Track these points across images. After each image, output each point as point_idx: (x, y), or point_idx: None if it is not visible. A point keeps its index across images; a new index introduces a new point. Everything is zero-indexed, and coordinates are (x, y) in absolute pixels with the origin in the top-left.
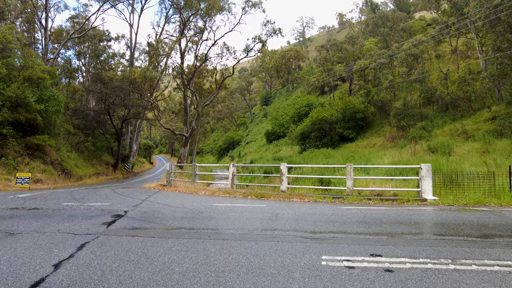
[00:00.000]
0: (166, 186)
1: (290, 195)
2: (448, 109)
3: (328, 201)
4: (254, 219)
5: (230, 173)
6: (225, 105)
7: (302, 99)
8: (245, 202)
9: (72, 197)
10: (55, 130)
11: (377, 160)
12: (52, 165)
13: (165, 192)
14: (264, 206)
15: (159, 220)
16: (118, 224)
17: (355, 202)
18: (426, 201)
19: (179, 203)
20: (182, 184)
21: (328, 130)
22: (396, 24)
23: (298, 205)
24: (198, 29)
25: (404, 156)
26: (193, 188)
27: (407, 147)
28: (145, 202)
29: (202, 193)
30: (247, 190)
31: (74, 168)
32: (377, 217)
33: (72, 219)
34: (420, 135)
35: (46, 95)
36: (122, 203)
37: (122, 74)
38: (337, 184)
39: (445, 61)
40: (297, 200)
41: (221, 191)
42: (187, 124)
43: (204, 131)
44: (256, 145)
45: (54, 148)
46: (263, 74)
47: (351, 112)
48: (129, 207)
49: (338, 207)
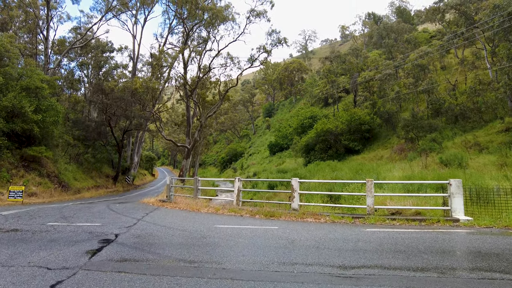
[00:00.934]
0: (165, 202)
1: (303, 214)
2: (458, 120)
3: (347, 221)
4: (267, 248)
5: (236, 188)
6: (228, 117)
7: (306, 111)
8: (253, 222)
9: (61, 215)
10: (53, 141)
11: (386, 174)
12: (48, 178)
13: (164, 209)
14: (276, 229)
15: (154, 248)
16: (105, 253)
17: (378, 222)
18: (459, 222)
19: (178, 223)
20: (183, 200)
21: (333, 142)
22: (400, 36)
23: (314, 227)
24: (202, 39)
25: (415, 169)
26: (194, 205)
27: (417, 160)
28: (140, 222)
29: (205, 210)
30: (254, 208)
31: (72, 180)
32: (411, 243)
33: (52, 245)
34: (430, 147)
35: (44, 105)
36: (114, 223)
37: (124, 84)
38: (352, 201)
39: (451, 72)
40: (311, 221)
41: (226, 208)
42: (190, 135)
43: (207, 142)
44: (259, 157)
45: (51, 160)
46: (266, 86)
47: (356, 123)
48: (121, 229)
49: (361, 230)
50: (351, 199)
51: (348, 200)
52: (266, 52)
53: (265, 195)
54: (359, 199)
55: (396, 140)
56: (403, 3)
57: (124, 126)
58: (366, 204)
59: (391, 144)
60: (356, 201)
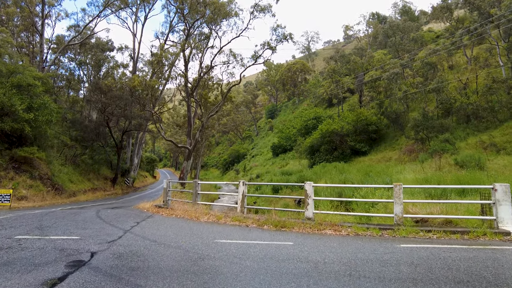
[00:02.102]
0: (162, 207)
1: (320, 225)
2: (470, 120)
3: (373, 233)
4: (284, 276)
5: (240, 193)
6: (230, 118)
7: (310, 112)
8: (262, 236)
9: (38, 224)
10: (47, 141)
11: (398, 176)
12: (41, 180)
13: (159, 217)
14: (290, 246)
15: (135, 277)
16: (67, 286)
17: (411, 235)
18: (510, 235)
19: (172, 237)
20: (181, 206)
21: (339, 143)
22: (407, 34)
23: (336, 242)
24: (204, 36)
25: (428, 171)
26: (193, 212)
27: (428, 161)
28: (127, 235)
29: (205, 219)
30: (261, 217)
31: (68, 183)
32: (469, 268)
33: (1, 272)
34: (442, 148)
35: (36, 103)
36: (96, 236)
37: (120, 82)
38: (371, 208)
39: (460, 72)
40: (331, 233)
41: (229, 216)
42: (191, 136)
43: (209, 144)
44: (262, 159)
45: (44, 162)
46: (269, 88)
47: (363, 124)
48: (101, 245)
49: (395, 246)
50: (370, 206)
51: (362, 206)
52: (270, 48)
53: (270, 198)
54: (373, 206)
55: (404, 141)
56: (407, 3)
57: (123, 126)
58: (394, 213)
59: (399, 145)
60: (371, 207)
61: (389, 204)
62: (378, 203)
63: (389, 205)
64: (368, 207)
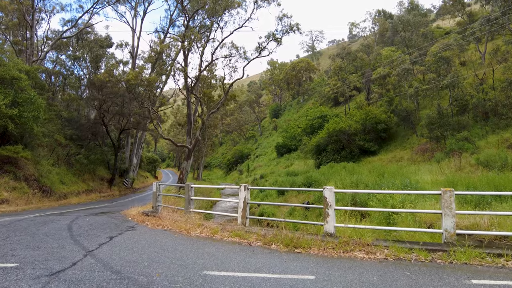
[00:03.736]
0: (150, 215)
1: (346, 244)
2: (489, 117)
3: (421, 257)
4: None
5: (241, 199)
6: (233, 118)
7: (315, 111)
8: (269, 261)
9: None
10: (35, 140)
11: (414, 177)
12: (26, 182)
13: (142, 228)
14: (312, 282)
15: None
16: None
17: (475, 261)
18: None
19: (145, 265)
20: (170, 215)
21: (347, 142)
22: (416, 30)
23: (376, 272)
24: (204, 29)
25: (447, 172)
26: (183, 223)
27: (445, 161)
28: (87, 259)
29: (197, 232)
30: (268, 231)
31: (58, 184)
32: None
33: None
34: (460, 147)
35: (21, 98)
36: (43, 261)
37: (115, 76)
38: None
39: (474, 67)
40: (362, 256)
41: (227, 230)
42: (191, 134)
43: (212, 144)
44: (266, 159)
45: (31, 161)
46: (273, 87)
47: (372, 122)
48: (37, 280)
49: (465, 284)
50: (386, 217)
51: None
52: (275, 40)
53: (275, 200)
54: (390, 216)
55: (416, 140)
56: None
57: (121, 125)
58: (443, 227)
59: (411, 145)
60: (388, 217)
61: (419, 215)
62: (396, 213)
63: (418, 216)
64: (384, 218)
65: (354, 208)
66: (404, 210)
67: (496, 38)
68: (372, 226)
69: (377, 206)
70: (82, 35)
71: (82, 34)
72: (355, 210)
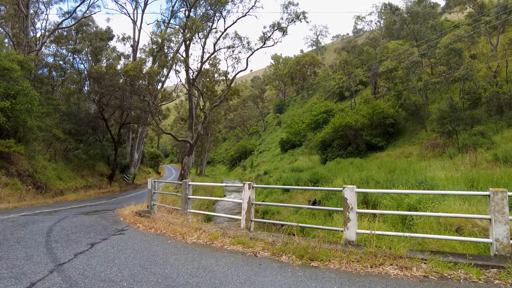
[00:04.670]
0: (143, 215)
1: (372, 255)
2: (504, 111)
3: (470, 275)
4: None
5: (245, 200)
6: (237, 113)
7: (320, 105)
8: (280, 279)
9: None
10: (29, 134)
11: (427, 173)
12: (19, 178)
13: (132, 231)
14: None
15: None
16: None
17: None
18: None
19: (124, 284)
20: (165, 217)
21: (353, 137)
22: (425, 22)
23: None
24: (207, 17)
25: (462, 168)
26: (179, 226)
27: (458, 157)
28: (52, 276)
29: (193, 238)
30: (277, 238)
31: (55, 180)
32: None
33: None
34: (474, 142)
35: (13, 89)
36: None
37: (113, 67)
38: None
39: (485, 60)
40: (396, 273)
41: (228, 235)
42: (192, 129)
43: (215, 139)
44: (270, 155)
45: (25, 156)
46: (277, 82)
47: (379, 117)
48: None
49: None
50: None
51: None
52: (281, 29)
53: (280, 196)
54: (403, 219)
55: (425, 135)
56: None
57: (121, 119)
58: (492, 237)
59: (420, 140)
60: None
61: (436, 220)
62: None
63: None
64: (399, 219)
65: (384, 212)
66: (447, 214)
67: (507, 30)
68: (403, 233)
69: (391, 205)
70: (82, 27)
71: (81, 26)
72: (379, 213)
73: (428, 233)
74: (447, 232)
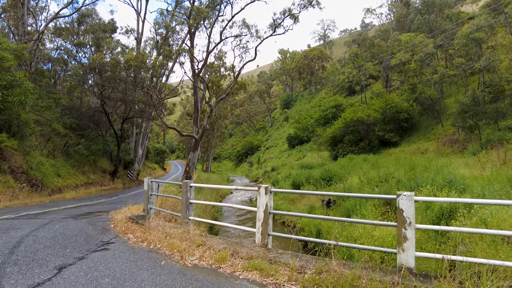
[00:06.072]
0: (138, 222)
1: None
2: None
3: None
4: None
5: (261, 208)
6: (243, 109)
7: (329, 100)
8: None
9: None
10: (25, 128)
11: (448, 171)
12: (12, 175)
13: (119, 245)
14: None
15: None
16: None
17: None
18: None
19: None
20: (162, 225)
21: (365, 133)
22: (440, 12)
23: None
24: (213, 3)
25: (489, 166)
26: (178, 239)
27: (482, 153)
28: None
29: (195, 257)
30: (307, 262)
31: (53, 177)
32: None
33: None
34: (500, 137)
35: (5, 80)
36: None
37: (114, 57)
38: None
39: (505, 52)
40: None
41: (240, 255)
42: (197, 123)
43: (221, 135)
44: (277, 151)
45: (19, 152)
46: (284, 77)
47: (392, 111)
48: None
49: None
50: None
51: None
52: (292, 16)
53: (290, 196)
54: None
55: (441, 130)
56: None
57: (124, 113)
58: None
59: (436, 135)
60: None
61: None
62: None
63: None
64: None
65: (462, 229)
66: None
67: None
68: (501, 262)
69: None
70: (84, 18)
71: (83, 17)
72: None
73: None
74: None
